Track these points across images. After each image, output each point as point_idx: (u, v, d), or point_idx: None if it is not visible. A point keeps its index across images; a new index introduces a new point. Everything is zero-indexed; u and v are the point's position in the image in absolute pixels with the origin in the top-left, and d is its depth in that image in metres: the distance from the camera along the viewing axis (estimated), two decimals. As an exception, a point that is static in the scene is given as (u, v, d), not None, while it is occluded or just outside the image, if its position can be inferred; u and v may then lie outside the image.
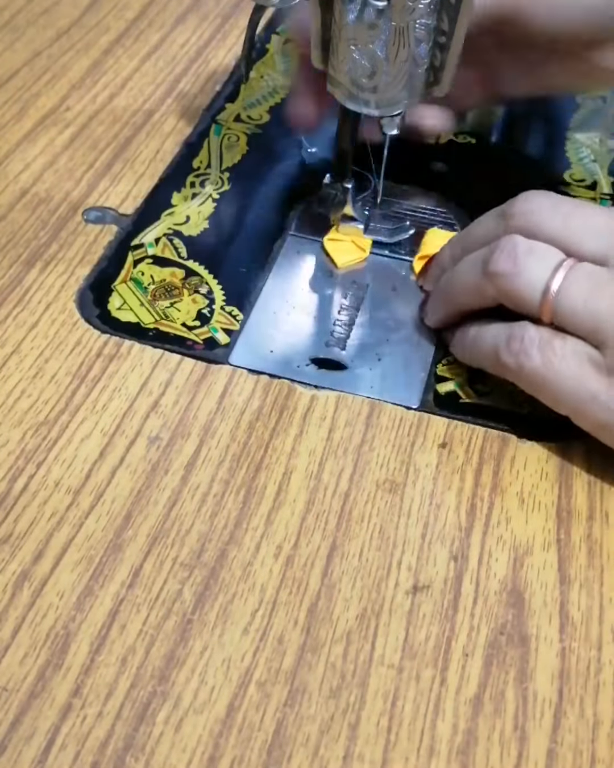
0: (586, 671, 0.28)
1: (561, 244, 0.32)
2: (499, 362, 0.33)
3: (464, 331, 0.35)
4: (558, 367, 0.31)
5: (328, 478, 0.33)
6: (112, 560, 0.30)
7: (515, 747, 0.27)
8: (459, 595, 0.30)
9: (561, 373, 0.31)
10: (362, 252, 0.41)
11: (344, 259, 0.41)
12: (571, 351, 0.31)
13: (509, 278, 0.32)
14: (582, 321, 0.31)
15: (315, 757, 0.26)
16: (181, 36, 0.55)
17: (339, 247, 0.41)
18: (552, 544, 0.31)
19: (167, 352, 0.37)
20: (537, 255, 0.32)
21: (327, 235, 0.42)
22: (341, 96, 0.36)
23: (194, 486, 0.33)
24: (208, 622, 0.29)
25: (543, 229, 0.32)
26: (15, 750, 0.26)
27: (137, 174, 0.45)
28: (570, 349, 0.31)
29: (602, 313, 0.30)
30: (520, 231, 0.33)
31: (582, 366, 0.31)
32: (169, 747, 0.26)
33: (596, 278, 0.31)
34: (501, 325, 0.33)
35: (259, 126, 0.48)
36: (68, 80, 0.51)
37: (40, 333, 0.37)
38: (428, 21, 0.32)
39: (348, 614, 0.29)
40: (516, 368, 0.32)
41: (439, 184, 0.45)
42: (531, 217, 0.33)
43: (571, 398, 0.31)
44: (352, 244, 0.41)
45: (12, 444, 0.34)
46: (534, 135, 0.50)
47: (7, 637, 0.28)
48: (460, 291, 0.35)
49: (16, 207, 0.43)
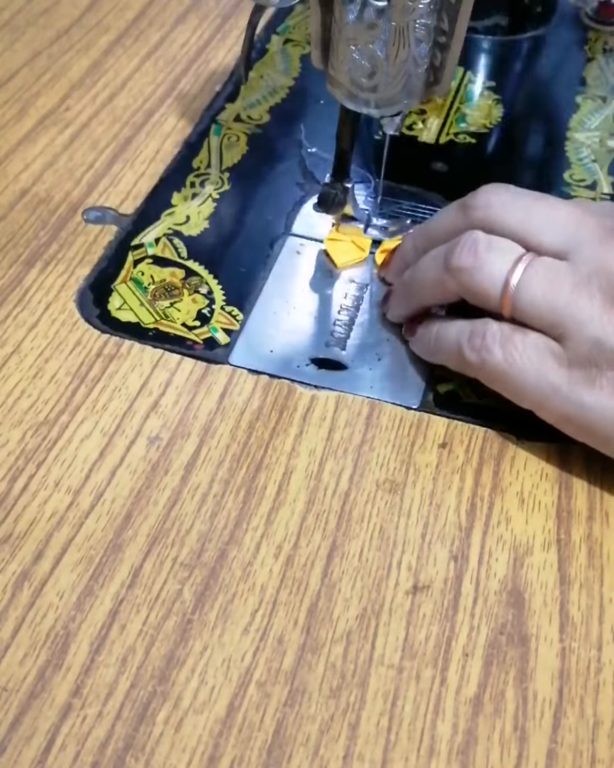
0: (586, 671, 0.28)
1: (521, 238, 0.32)
2: (462, 359, 0.33)
3: (426, 327, 0.36)
4: (519, 362, 0.31)
5: (328, 478, 0.33)
6: (112, 560, 0.30)
7: (515, 747, 0.27)
8: (459, 595, 0.30)
9: (523, 367, 0.31)
10: (362, 252, 0.41)
11: (344, 259, 0.41)
12: (532, 345, 0.31)
13: (470, 273, 0.32)
14: (541, 314, 0.31)
15: (315, 757, 0.26)
16: (181, 36, 0.55)
17: (339, 247, 0.41)
18: (552, 544, 0.31)
19: (167, 352, 0.37)
20: (497, 250, 0.32)
21: (327, 235, 0.42)
22: (341, 96, 0.36)
23: (194, 486, 0.33)
24: (208, 622, 0.29)
25: (503, 224, 0.32)
26: (15, 750, 0.26)
27: (137, 174, 0.45)
28: (531, 343, 0.31)
29: (560, 306, 0.30)
30: (481, 225, 0.33)
31: (543, 359, 0.31)
32: (169, 747, 0.26)
33: (554, 272, 0.31)
34: (464, 322, 0.33)
35: (259, 126, 0.48)
36: (68, 80, 0.51)
37: (40, 333, 0.37)
38: (428, 21, 0.32)
39: (348, 614, 0.29)
40: (479, 364, 0.32)
41: (439, 184, 0.45)
42: (491, 211, 0.33)
43: (533, 392, 0.31)
44: (352, 244, 0.41)
45: (12, 444, 0.34)
46: (534, 135, 0.50)
47: (7, 637, 0.28)
48: (423, 286, 0.35)
49: (16, 207, 0.43)
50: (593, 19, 0.56)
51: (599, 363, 0.30)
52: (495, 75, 0.53)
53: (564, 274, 0.31)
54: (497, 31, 0.55)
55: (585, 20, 0.57)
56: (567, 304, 0.30)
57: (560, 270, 0.31)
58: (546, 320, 0.31)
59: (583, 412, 0.31)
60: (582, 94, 0.51)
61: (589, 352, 0.30)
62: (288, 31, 0.56)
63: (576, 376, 0.30)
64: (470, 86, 0.52)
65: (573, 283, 0.30)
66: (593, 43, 0.55)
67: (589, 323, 0.30)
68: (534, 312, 0.31)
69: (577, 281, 0.30)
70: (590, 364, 0.30)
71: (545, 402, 0.31)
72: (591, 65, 0.54)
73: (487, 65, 0.54)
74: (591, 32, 0.56)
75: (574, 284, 0.30)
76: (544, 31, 0.56)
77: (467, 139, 0.48)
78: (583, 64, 0.54)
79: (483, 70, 0.53)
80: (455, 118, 0.49)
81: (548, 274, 0.31)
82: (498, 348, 0.32)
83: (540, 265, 0.31)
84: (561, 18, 0.57)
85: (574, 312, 0.30)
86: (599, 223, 0.32)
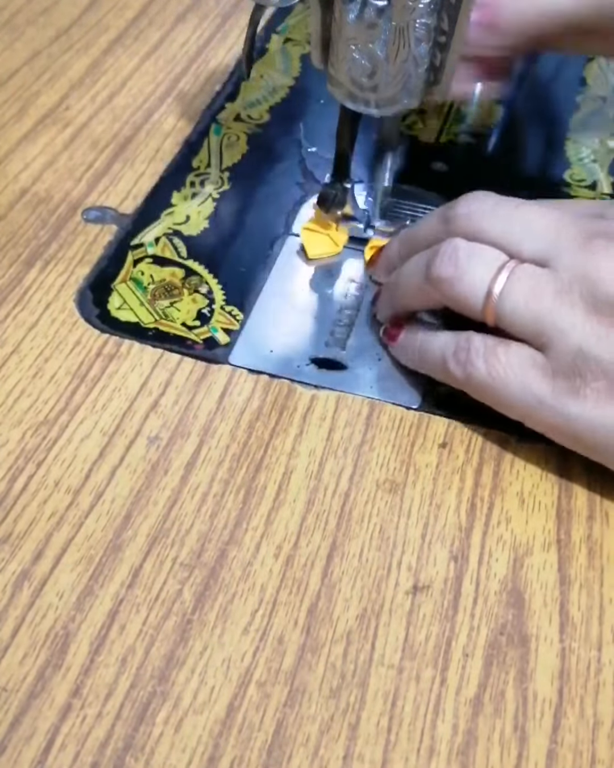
0: (586, 671, 0.28)
1: (503, 245, 0.32)
2: (447, 373, 0.33)
3: (410, 338, 0.36)
4: (503, 375, 0.31)
5: (328, 478, 0.33)
6: (111, 560, 0.30)
7: (515, 747, 0.27)
8: (459, 595, 0.30)
9: (507, 380, 0.31)
10: (335, 247, 0.41)
11: (316, 251, 0.41)
12: (515, 357, 0.31)
13: (450, 283, 0.32)
14: (524, 323, 0.31)
15: (315, 757, 0.26)
16: (181, 35, 0.55)
17: (314, 238, 0.41)
18: (553, 544, 0.31)
19: (167, 351, 0.37)
20: (478, 258, 0.32)
21: (305, 224, 0.42)
22: (341, 96, 0.36)
23: (194, 486, 0.33)
24: (207, 622, 0.29)
25: (483, 232, 0.32)
26: (15, 750, 0.26)
27: (137, 173, 0.45)
28: (514, 355, 0.31)
29: (543, 314, 0.30)
30: (462, 233, 0.33)
31: (527, 371, 0.31)
32: (168, 747, 0.26)
33: (536, 280, 0.31)
34: (448, 336, 0.33)
35: (259, 126, 0.48)
36: (68, 79, 0.51)
37: (39, 333, 0.37)
38: (428, 20, 0.32)
39: (348, 614, 0.29)
40: (464, 379, 0.32)
41: (439, 184, 0.45)
42: (472, 220, 0.33)
43: (520, 404, 0.31)
44: (328, 237, 0.41)
45: (12, 444, 0.34)
46: (534, 135, 0.50)
47: (7, 637, 0.28)
48: (406, 293, 0.35)
49: (15, 207, 0.43)
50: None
51: (583, 372, 0.30)
52: (495, 75, 0.53)
53: (545, 282, 0.30)
54: (497, 31, 0.55)
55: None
56: (549, 312, 0.30)
57: (542, 278, 0.31)
58: (530, 329, 0.31)
59: (569, 422, 0.30)
60: (582, 94, 0.51)
61: (573, 361, 0.30)
62: (288, 31, 0.56)
63: (560, 386, 0.30)
64: (470, 86, 0.52)
65: (555, 291, 0.30)
66: (593, 43, 0.55)
67: (572, 332, 0.30)
68: (517, 321, 0.31)
69: (559, 289, 0.30)
70: (574, 374, 0.30)
71: (532, 413, 0.31)
72: (591, 65, 0.54)
73: (487, 65, 0.54)
74: (591, 32, 0.56)
75: (556, 292, 0.30)
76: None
77: (467, 139, 0.48)
78: (583, 64, 0.54)
79: (483, 69, 0.53)
80: (455, 118, 0.49)
81: (530, 282, 0.31)
82: (482, 362, 0.31)
83: (522, 273, 0.31)
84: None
85: (556, 321, 0.30)
86: (580, 229, 0.31)
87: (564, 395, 0.30)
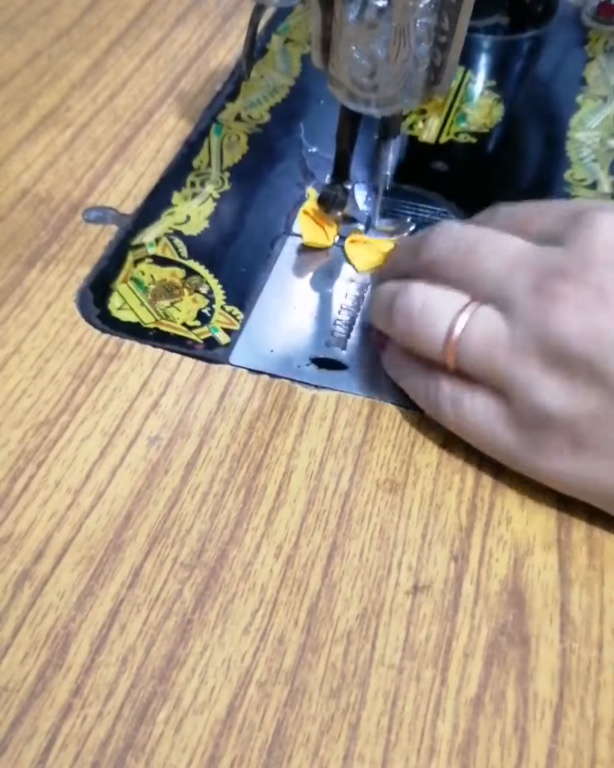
0: (587, 672, 0.28)
1: (462, 287, 0.31)
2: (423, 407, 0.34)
3: (388, 357, 0.35)
4: (470, 423, 0.31)
5: (328, 478, 0.33)
6: (112, 560, 0.30)
7: (515, 747, 0.27)
8: (460, 596, 0.30)
9: (476, 428, 0.31)
10: (326, 241, 0.41)
11: (310, 238, 0.41)
12: (480, 406, 0.31)
13: (409, 336, 0.32)
14: (484, 376, 0.30)
15: (315, 757, 0.26)
16: (182, 35, 0.55)
17: (311, 226, 0.41)
18: (553, 544, 0.31)
19: (167, 351, 0.37)
20: (434, 309, 0.31)
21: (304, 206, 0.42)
22: (341, 96, 0.36)
23: (194, 486, 0.33)
24: (208, 622, 0.29)
25: (444, 275, 0.32)
26: (15, 750, 0.26)
27: (137, 173, 0.45)
28: (480, 404, 0.31)
29: (501, 367, 0.29)
30: (426, 272, 0.32)
31: (491, 422, 0.31)
32: (169, 747, 0.26)
33: (494, 324, 0.30)
34: (419, 374, 0.33)
35: (259, 125, 0.48)
36: (69, 80, 0.51)
37: (40, 333, 0.37)
38: (429, 20, 0.32)
39: (348, 614, 0.29)
40: (437, 418, 0.33)
41: (439, 184, 0.45)
42: (436, 262, 0.32)
43: (489, 450, 0.32)
44: (322, 231, 0.41)
45: (12, 444, 0.34)
46: (534, 134, 0.50)
47: (8, 637, 0.28)
48: (376, 318, 0.35)
49: (16, 207, 0.43)
50: (593, 18, 0.57)
51: (544, 428, 0.29)
52: (496, 74, 0.53)
53: (503, 334, 0.29)
54: (498, 31, 0.55)
55: (586, 20, 0.57)
56: (506, 368, 0.29)
57: (499, 323, 0.30)
58: (490, 382, 0.30)
59: (539, 474, 0.31)
60: (582, 94, 0.51)
61: (533, 417, 0.29)
62: (288, 31, 0.56)
63: (524, 440, 0.30)
64: (470, 86, 0.52)
65: (511, 344, 0.29)
66: (593, 43, 0.55)
67: (529, 388, 0.29)
68: (477, 367, 0.30)
69: (514, 344, 0.29)
70: (535, 429, 0.29)
71: (503, 460, 0.32)
72: (591, 65, 0.54)
73: (488, 65, 0.54)
74: (591, 32, 0.56)
75: (511, 346, 0.29)
76: (545, 31, 0.56)
77: (467, 138, 0.48)
78: (584, 63, 0.54)
79: (483, 69, 0.53)
80: (455, 117, 0.49)
81: (487, 327, 0.30)
82: (450, 408, 0.32)
83: (480, 316, 0.30)
84: (562, 17, 0.57)
85: (514, 376, 0.29)
86: (537, 264, 0.29)
87: (529, 449, 0.30)
